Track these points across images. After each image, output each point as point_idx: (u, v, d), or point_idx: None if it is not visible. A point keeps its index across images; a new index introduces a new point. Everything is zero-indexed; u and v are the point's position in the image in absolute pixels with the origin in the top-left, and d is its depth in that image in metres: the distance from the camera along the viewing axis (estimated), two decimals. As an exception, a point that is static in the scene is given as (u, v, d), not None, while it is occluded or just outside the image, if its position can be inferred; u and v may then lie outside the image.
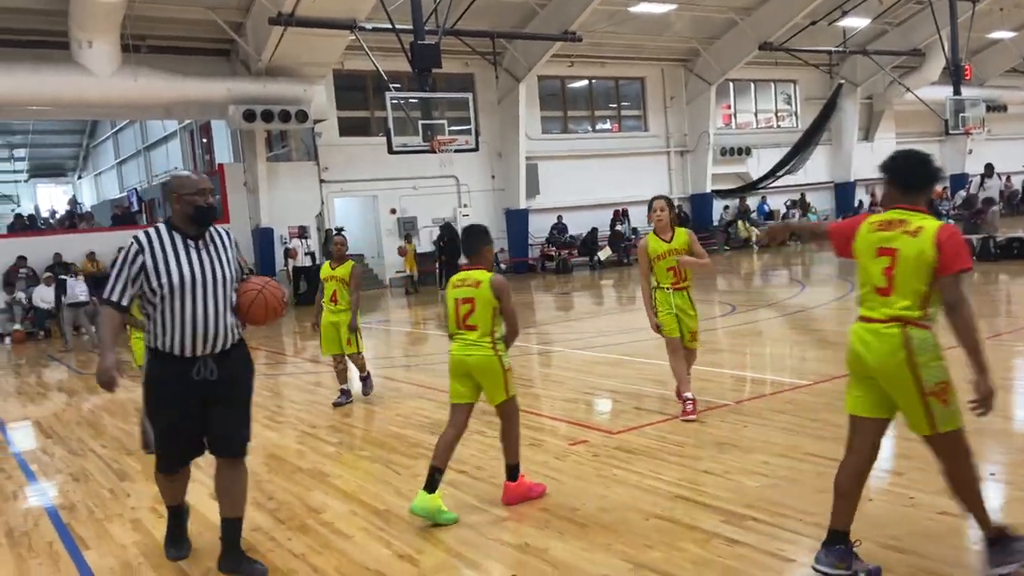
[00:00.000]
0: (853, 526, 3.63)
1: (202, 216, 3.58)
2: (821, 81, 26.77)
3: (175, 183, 3.64)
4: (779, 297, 12.96)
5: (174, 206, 3.58)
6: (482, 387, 4.31)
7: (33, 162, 35.14)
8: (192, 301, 3.49)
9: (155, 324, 3.52)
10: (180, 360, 3.52)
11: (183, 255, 3.53)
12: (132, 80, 15.51)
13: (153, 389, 3.59)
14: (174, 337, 3.50)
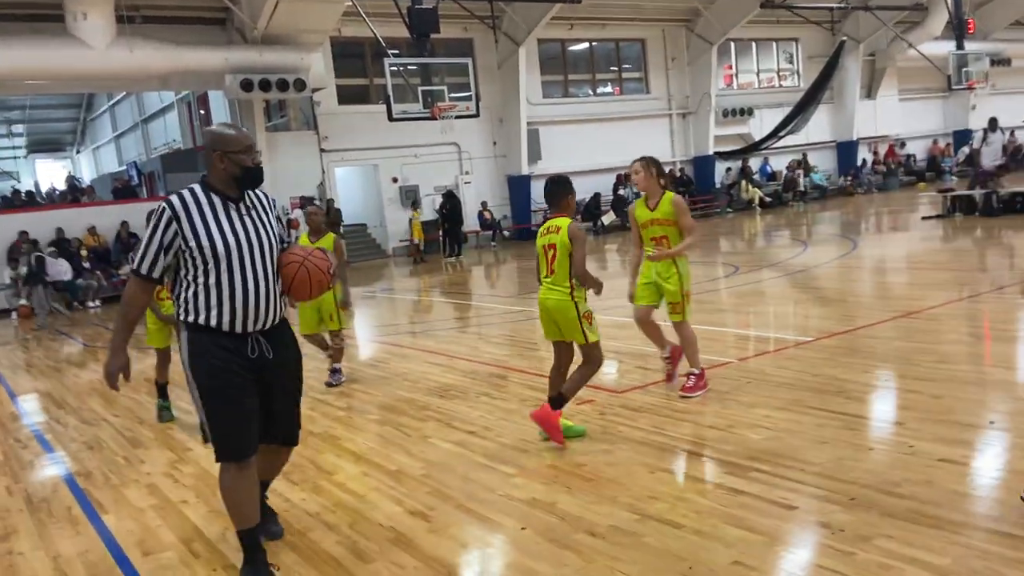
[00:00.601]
0: (855, 473, 3.73)
1: (251, 178, 3.21)
2: (823, 39, 26.48)
3: (219, 139, 3.21)
4: (781, 257, 12.98)
5: (216, 165, 3.17)
6: (560, 329, 4.60)
7: (31, 138, 35.05)
8: (241, 270, 3.12)
9: (196, 297, 3.13)
10: (230, 335, 3.15)
11: (224, 219, 3.14)
12: (128, 51, 15.39)
13: (203, 366, 3.13)
14: (221, 311, 3.11)
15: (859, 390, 5.14)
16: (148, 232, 3.14)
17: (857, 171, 27.26)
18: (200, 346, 3.15)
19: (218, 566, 3.49)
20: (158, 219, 3.12)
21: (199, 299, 3.13)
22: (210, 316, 3.13)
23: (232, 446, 3.17)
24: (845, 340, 6.50)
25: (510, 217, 22.26)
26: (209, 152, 3.21)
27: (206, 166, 3.25)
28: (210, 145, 3.21)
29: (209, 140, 3.23)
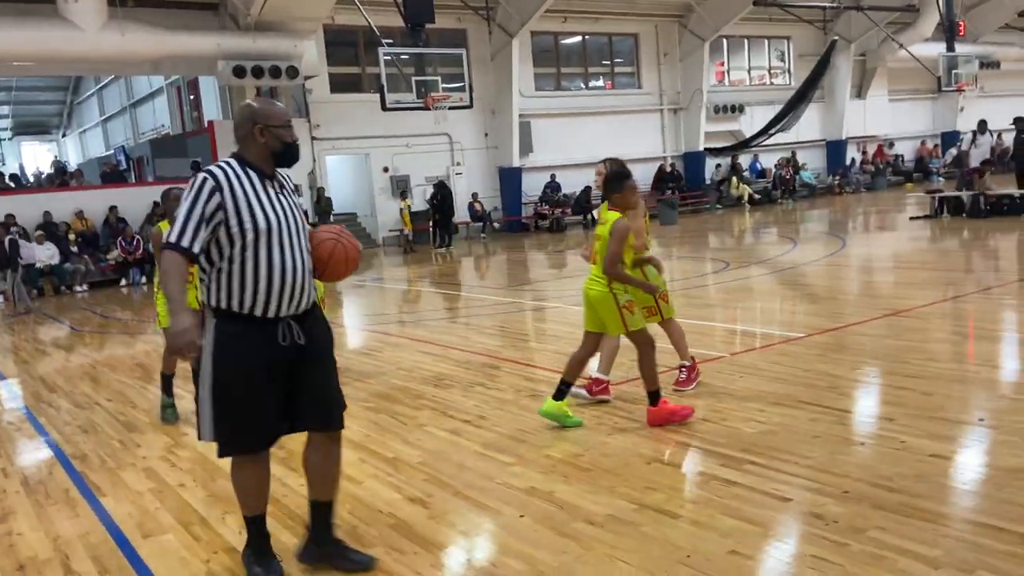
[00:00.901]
0: (847, 467, 3.80)
1: (291, 154, 3.10)
2: (815, 38, 26.62)
3: (260, 112, 3.06)
4: (771, 254, 13.08)
5: (256, 139, 3.04)
6: (603, 321, 4.71)
7: (17, 120, 34.69)
8: (280, 250, 2.98)
9: (227, 279, 2.95)
10: (260, 322, 2.98)
11: (263, 196, 3.00)
12: (119, 35, 15.27)
13: (228, 361, 2.95)
14: (256, 294, 2.95)
15: (850, 386, 5.22)
16: (187, 203, 2.91)
17: (845, 170, 27.46)
18: (229, 337, 2.96)
19: (219, 549, 3.52)
20: (199, 189, 2.92)
21: (233, 281, 2.95)
22: (244, 300, 2.95)
23: (243, 441, 3.04)
24: (835, 337, 6.58)
25: (500, 209, 22.27)
26: (247, 125, 3.06)
27: (240, 141, 3.09)
28: (249, 118, 3.06)
29: (248, 113, 3.07)
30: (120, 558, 3.50)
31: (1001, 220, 14.28)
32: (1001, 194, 15.17)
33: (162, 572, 3.32)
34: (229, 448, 3.08)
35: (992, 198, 15.06)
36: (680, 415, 4.66)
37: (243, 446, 3.07)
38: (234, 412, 2.98)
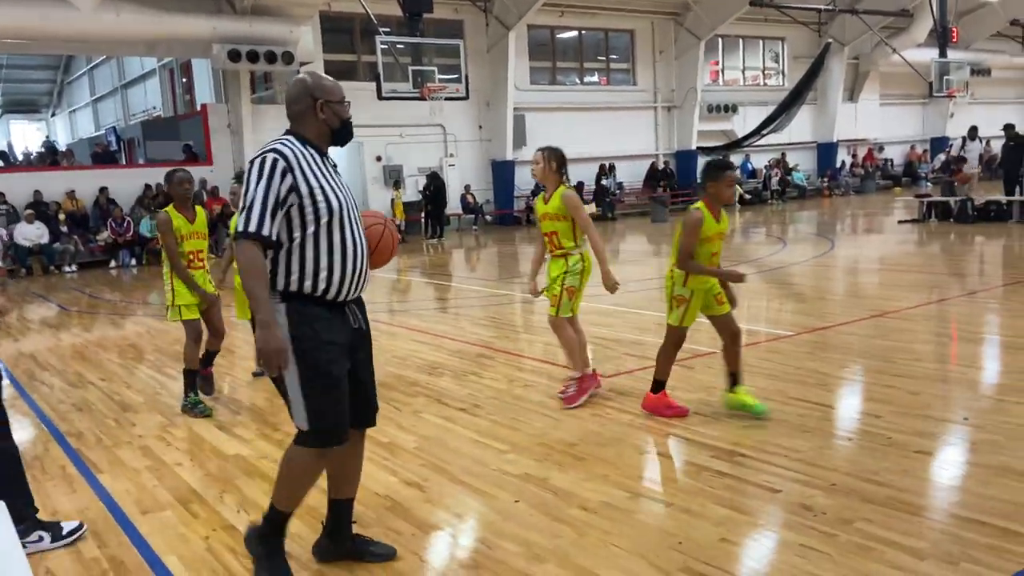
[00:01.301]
0: (835, 461, 3.89)
1: (348, 132, 2.98)
2: (809, 40, 26.76)
3: (320, 87, 2.92)
4: (760, 253, 13.20)
5: (316, 115, 2.89)
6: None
7: (6, 97, 34.34)
8: (349, 231, 2.87)
9: (300, 261, 2.80)
10: (330, 305, 2.87)
11: (328, 175, 2.86)
12: (114, 15, 15.16)
13: (312, 339, 2.80)
14: (331, 276, 2.83)
15: (838, 384, 5.32)
16: (257, 186, 2.72)
17: (835, 172, 27.65)
18: (306, 316, 2.81)
19: (217, 526, 3.56)
20: (270, 170, 2.73)
21: (306, 264, 2.80)
22: (318, 283, 2.81)
23: (333, 430, 2.87)
24: (824, 336, 6.69)
25: (492, 202, 22.30)
26: (305, 100, 2.90)
27: (296, 117, 2.92)
28: (307, 93, 2.91)
29: (307, 87, 2.92)
30: (119, 533, 3.54)
31: (988, 226, 14.46)
32: (988, 200, 15.35)
33: (162, 548, 3.37)
34: (326, 437, 2.87)
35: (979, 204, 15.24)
36: (673, 411, 4.74)
37: (337, 436, 2.89)
38: (327, 397, 2.84)
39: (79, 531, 3.49)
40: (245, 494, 3.92)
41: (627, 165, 24.10)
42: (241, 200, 2.75)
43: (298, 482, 2.96)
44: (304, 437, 2.89)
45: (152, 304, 11.25)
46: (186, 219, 5.30)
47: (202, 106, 19.20)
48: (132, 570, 3.20)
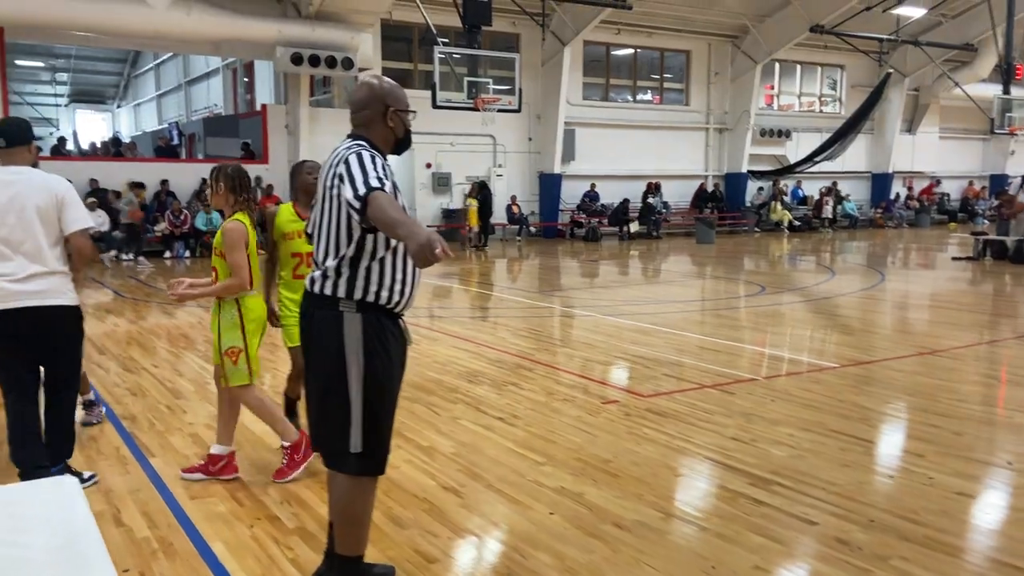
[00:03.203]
0: (874, 497, 3.87)
1: (408, 142, 2.93)
2: (869, 69, 26.42)
3: (392, 94, 2.84)
4: (808, 282, 13.06)
5: (385, 122, 2.82)
6: None
7: (74, 87, 35.49)
8: None
9: (382, 269, 2.72)
10: (394, 317, 2.78)
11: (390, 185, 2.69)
12: (185, 14, 15.67)
13: (382, 354, 2.71)
14: (404, 287, 2.76)
15: (881, 419, 5.28)
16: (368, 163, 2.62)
17: (889, 204, 27.21)
18: (379, 330, 2.72)
19: (261, 516, 3.68)
20: (370, 155, 2.66)
21: (385, 273, 2.72)
22: (392, 293, 2.73)
23: (386, 454, 2.80)
24: (869, 370, 6.62)
25: (538, 214, 22.40)
26: (377, 106, 2.82)
27: (364, 122, 2.84)
28: (381, 99, 2.82)
29: (380, 93, 2.83)
30: (169, 516, 3.68)
31: (1044, 268, 14.10)
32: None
33: (209, 533, 3.50)
34: (380, 461, 2.78)
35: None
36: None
37: (384, 463, 2.80)
38: (387, 418, 2.77)
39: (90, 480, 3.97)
40: (288, 487, 4.04)
41: (675, 185, 24.04)
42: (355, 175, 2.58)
43: (364, 517, 2.83)
44: (355, 463, 2.73)
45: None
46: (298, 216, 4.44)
47: (262, 106, 19.67)
48: (180, 553, 3.33)
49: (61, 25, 15.77)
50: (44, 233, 3.70)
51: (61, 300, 3.76)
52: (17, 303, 3.63)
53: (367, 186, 2.52)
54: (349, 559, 2.83)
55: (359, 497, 2.78)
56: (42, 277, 3.68)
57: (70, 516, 1.77)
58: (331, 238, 2.73)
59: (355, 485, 2.77)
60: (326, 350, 2.71)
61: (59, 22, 15.45)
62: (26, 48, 26.94)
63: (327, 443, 2.81)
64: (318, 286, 2.75)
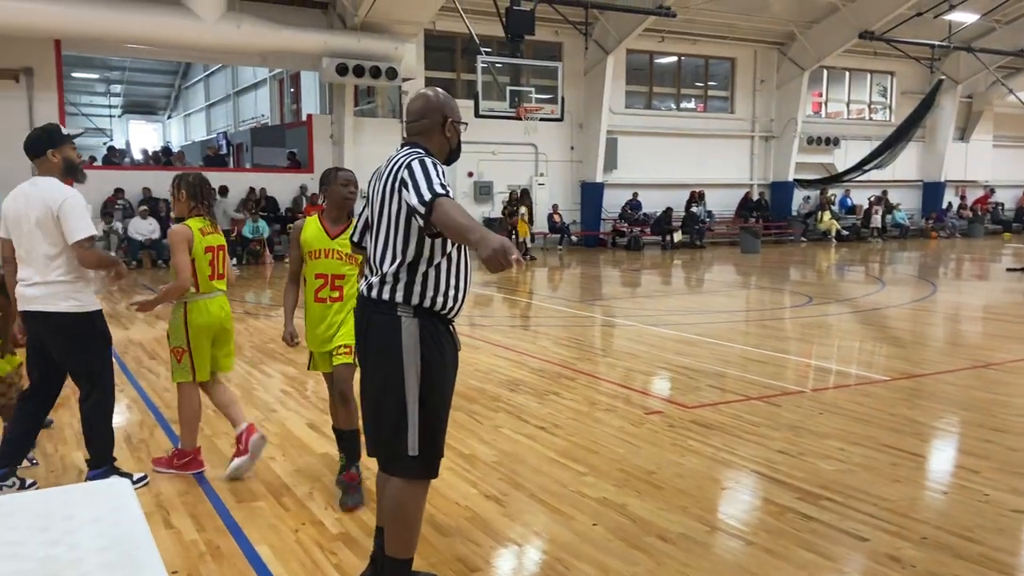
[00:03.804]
0: (927, 514, 3.76)
1: (458, 153, 2.95)
2: (920, 75, 25.88)
3: (450, 105, 2.87)
4: (856, 293, 12.80)
5: (443, 132, 2.86)
6: None
7: (127, 99, 36.49)
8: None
9: (436, 276, 2.74)
10: (448, 322, 2.82)
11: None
12: (235, 27, 16.02)
13: (437, 359, 2.74)
14: (458, 293, 2.79)
15: (934, 434, 5.13)
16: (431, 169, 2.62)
17: (941, 214, 26.57)
18: (435, 335, 2.74)
19: (306, 521, 3.72)
20: (433, 164, 2.67)
21: (440, 278, 2.74)
22: (447, 299, 2.76)
23: (439, 457, 2.81)
24: (921, 383, 6.45)
25: (579, 223, 22.35)
26: (436, 116, 2.85)
27: (422, 131, 2.86)
28: (439, 109, 2.86)
29: (439, 103, 2.87)
30: (216, 519, 3.74)
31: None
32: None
33: (255, 536, 3.54)
34: (435, 464, 2.80)
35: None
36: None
37: (437, 466, 2.82)
38: (438, 423, 2.78)
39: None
40: (332, 492, 4.07)
41: (719, 193, 23.80)
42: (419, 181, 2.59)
43: (416, 521, 2.83)
44: (411, 466, 2.75)
45: (249, 302, 11.75)
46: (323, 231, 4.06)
47: (308, 116, 19.98)
48: (227, 555, 3.37)
49: (115, 38, 16.25)
50: (45, 244, 3.82)
51: (60, 307, 3.85)
52: (28, 307, 3.89)
53: (432, 191, 2.54)
54: (399, 562, 2.84)
55: (412, 500, 2.80)
56: (43, 285, 3.84)
57: (122, 517, 1.80)
58: (391, 243, 2.74)
59: (409, 488, 2.79)
60: (384, 355, 2.72)
61: (113, 35, 15.92)
62: (82, 61, 27.79)
63: (383, 447, 2.83)
64: (375, 291, 2.76)
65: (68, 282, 3.87)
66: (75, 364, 4.01)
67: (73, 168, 3.96)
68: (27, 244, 3.87)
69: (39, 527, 1.72)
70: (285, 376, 6.81)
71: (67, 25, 15.22)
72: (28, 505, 1.91)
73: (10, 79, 15.78)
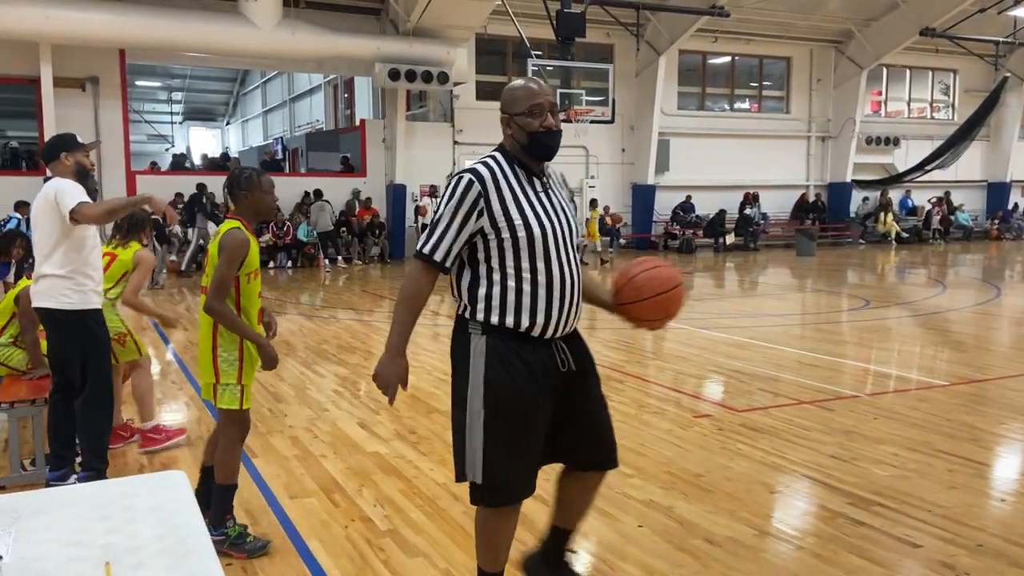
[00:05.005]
0: (984, 521, 3.65)
1: (538, 145, 2.60)
2: (984, 73, 25.04)
3: (506, 98, 2.66)
4: (916, 296, 12.46)
5: (507, 129, 2.65)
6: None
7: (188, 106, 37.57)
8: (555, 260, 2.55)
9: (504, 291, 2.54)
10: (536, 343, 2.56)
11: (532, 196, 2.58)
12: (290, 34, 16.38)
13: (503, 381, 2.52)
14: (535, 311, 2.53)
15: (994, 440, 4.98)
16: (446, 207, 2.53)
17: (1007, 214, 25.68)
18: (504, 355, 2.53)
19: (356, 518, 3.79)
20: (463, 193, 2.51)
21: (507, 294, 2.53)
22: (520, 318, 2.53)
23: (504, 487, 2.58)
24: (982, 389, 6.26)
25: (630, 225, 22.22)
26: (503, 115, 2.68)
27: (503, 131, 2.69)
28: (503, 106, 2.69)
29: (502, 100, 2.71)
30: (269, 514, 3.84)
31: None
32: None
33: (306, 531, 3.63)
34: (497, 496, 2.60)
35: None
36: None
37: (513, 494, 2.62)
38: (508, 448, 2.54)
39: None
40: (381, 490, 4.14)
41: (774, 195, 23.39)
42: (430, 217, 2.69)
43: (491, 543, 2.70)
44: (473, 492, 2.63)
45: (303, 304, 12.00)
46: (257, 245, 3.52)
47: (361, 121, 20.32)
48: (279, 549, 3.46)
49: (177, 47, 16.77)
50: (44, 236, 3.94)
51: (51, 303, 3.93)
52: (34, 302, 4.03)
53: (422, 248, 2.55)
54: (484, 573, 2.75)
55: (480, 523, 2.70)
56: (43, 279, 3.96)
57: (178, 507, 1.88)
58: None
59: (478, 513, 2.69)
60: (454, 372, 2.64)
61: (175, 44, 16.43)
62: (145, 69, 28.74)
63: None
64: (458, 306, 2.66)
65: (63, 277, 3.92)
66: (67, 362, 4.04)
67: (85, 174, 4.05)
68: (36, 239, 4.01)
69: (100, 516, 1.80)
70: (337, 376, 6.94)
71: (131, 35, 15.76)
72: (90, 496, 2.01)
73: (76, 88, 16.41)
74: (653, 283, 2.74)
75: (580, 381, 2.68)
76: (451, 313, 7.82)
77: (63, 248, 3.91)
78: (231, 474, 3.45)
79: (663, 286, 2.74)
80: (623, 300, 2.79)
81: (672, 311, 2.79)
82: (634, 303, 2.77)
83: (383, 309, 11.49)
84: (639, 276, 2.77)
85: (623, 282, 2.79)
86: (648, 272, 2.77)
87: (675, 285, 2.76)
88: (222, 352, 3.37)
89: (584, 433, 2.71)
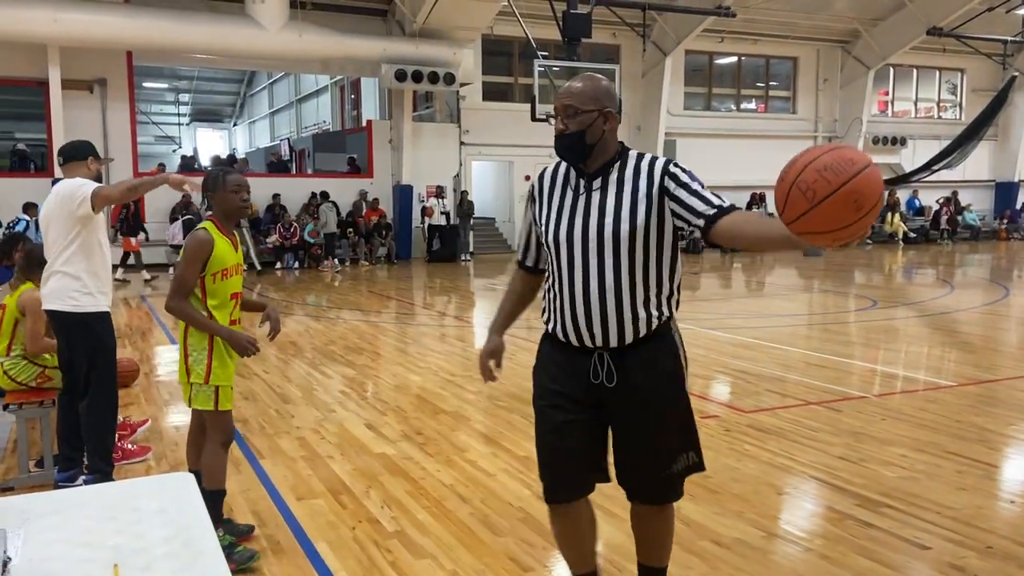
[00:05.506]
0: (993, 523, 3.64)
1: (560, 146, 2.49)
2: (992, 72, 24.96)
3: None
4: (924, 296, 12.41)
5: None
6: None
7: (195, 107, 37.66)
8: (568, 265, 2.46)
9: (548, 296, 2.58)
10: (570, 349, 2.51)
11: (569, 197, 2.48)
12: (297, 35, 16.43)
13: (536, 381, 2.62)
14: (562, 317, 2.50)
15: (1003, 442, 4.96)
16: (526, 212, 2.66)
17: (1015, 214, 25.56)
18: (540, 355, 2.64)
19: (363, 519, 3.79)
20: (528, 195, 2.63)
21: (548, 297, 2.59)
22: (556, 323, 2.54)
23: (546, 484, 2.63)
24: (990, 389, 6.23)
25: (638, 226, 22.18)
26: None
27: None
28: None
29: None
30: (277, 515, 3.84)
31: None
32: None
33: (313, 532, 3.63)
34: (544, 492, 2.67)
35: None
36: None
37: (548, 493, 2.65)
38: (542, 447, 2.61)
39: None
40: (388, 491, 4.14)
41: (780, 196, 23.29)
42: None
43: (556, 541, 2.83)
44: None
45: (310, 304, 12.02)
46: (230, 244, 3.45)
47: (367, 122, 20.34)
48: (286, 550, 3.47)
49: (184, 48, 16.84)
50: (57, 235, 3.96)
51: (59, 306, 3.96)
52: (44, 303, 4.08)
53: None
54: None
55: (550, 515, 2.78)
56: (52, 277, 3.99)
57: (185, 509, 1.88)
58: None
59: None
60: None
61: (182, 46, 16.50)
62: (152, 71, 28.83)
63: None
64: None
65: (73, 277, 3.94)
66: (75, 363, 4.06)
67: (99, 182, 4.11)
68: (49, 239, 4.02)
69: (108, 517, 1.81)
70: (344, 377, 6.94)
71: (139, 37, 15.83)
72: (99, 497, 2.01)
73: (84, 90, 16.48)
74: (826, 175, 1.86)
75: (620, 400, 2.49)
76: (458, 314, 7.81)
77: (75, 247, 3.95)
78: (217, 480, 3.47)
79: (841, 174, 1.85)
80: (797, 213, 1.93)
81: (868, 203, 1.87)
82: (809, 211, 1.90)
83: (390, 310, 11.51)
84: (803, 174, 1.92)
85: (783, 191, 1.95)
86: (813, 163, 1.90)
87: (864, 166, 1.86)
88: (191, 351, 3.41)
89: (619, 454, 2.61)
